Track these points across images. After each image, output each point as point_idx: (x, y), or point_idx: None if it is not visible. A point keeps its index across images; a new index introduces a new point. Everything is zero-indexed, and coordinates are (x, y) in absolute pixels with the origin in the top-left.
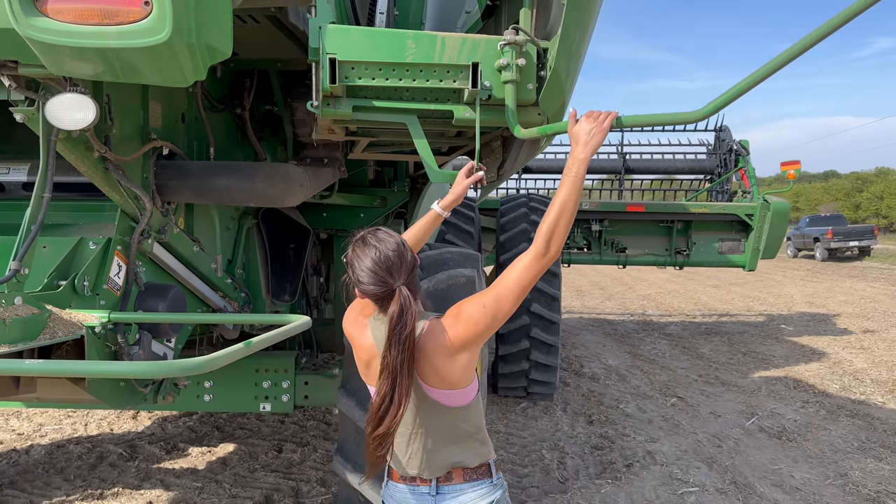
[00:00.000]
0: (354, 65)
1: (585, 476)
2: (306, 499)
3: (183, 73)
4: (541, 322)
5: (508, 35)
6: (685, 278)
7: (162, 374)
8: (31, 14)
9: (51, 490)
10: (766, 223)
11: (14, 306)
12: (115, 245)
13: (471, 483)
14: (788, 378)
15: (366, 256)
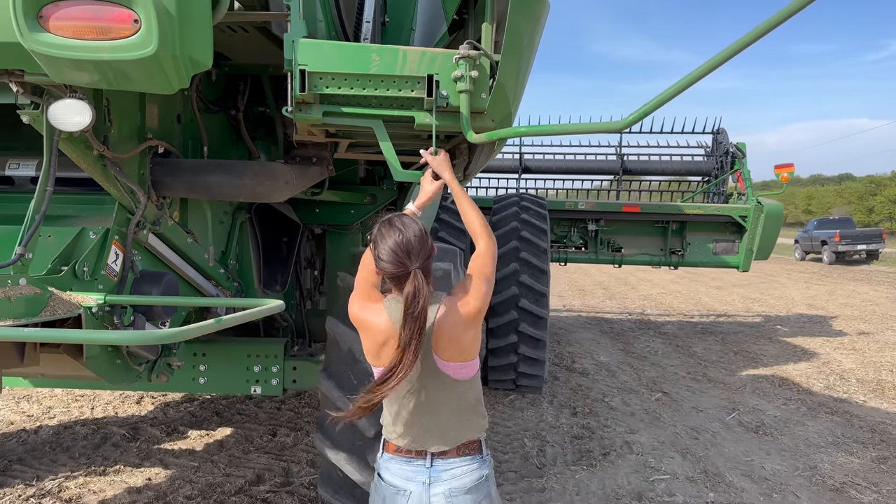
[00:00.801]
0: (323, 75)
1: (562, 463)
2: (295, 478)
3: (169, 81)
4: (529, 317)
5: (463, 49)
6: (689, 279)
7: (138, 341)
8: (35, 30)
9: (56, 466)
10: (759, 225)
11: (19, 286)
12: (112, 235)
13: (463, 458)
14: (775, 376)
15: (390, 237)
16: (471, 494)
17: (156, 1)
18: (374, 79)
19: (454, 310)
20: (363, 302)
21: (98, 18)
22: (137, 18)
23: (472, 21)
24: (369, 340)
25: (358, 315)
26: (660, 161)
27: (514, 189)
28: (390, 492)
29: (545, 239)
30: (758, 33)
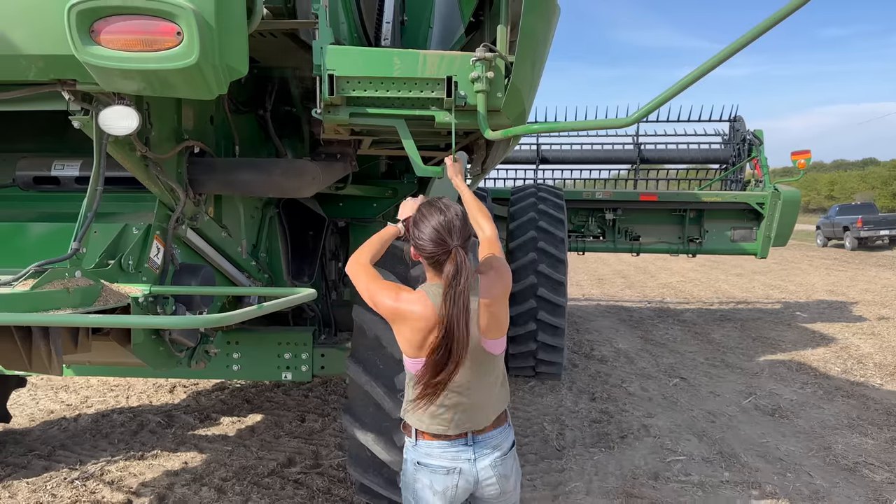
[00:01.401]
0: (350, 79)
1: (581, 445)
2: (325, 460)
3: (209, 88)
4: (547, 305)
5: (479, 52)
6: (709, 267)
7: (189, 325)
8: (88, 44)
9: (97, 452)
10: (776, 212)
11: (75, 278)
12: (154, 230)
13: (498, 429)
14: (793, 361)
15: (432, 217)
16: (508, 459)
17: (197, 14)
18: (397, 81)
19: (490, 287)
20: (398, 295)
21: (144, 31)
22: (180, 31)
23: (487, 23)
24: (411, 330)
25: (395, 307)
26: (677, 150)
27: (531, 180)
28: (439, 474)
29: (562, 229)
30: (769, 24)
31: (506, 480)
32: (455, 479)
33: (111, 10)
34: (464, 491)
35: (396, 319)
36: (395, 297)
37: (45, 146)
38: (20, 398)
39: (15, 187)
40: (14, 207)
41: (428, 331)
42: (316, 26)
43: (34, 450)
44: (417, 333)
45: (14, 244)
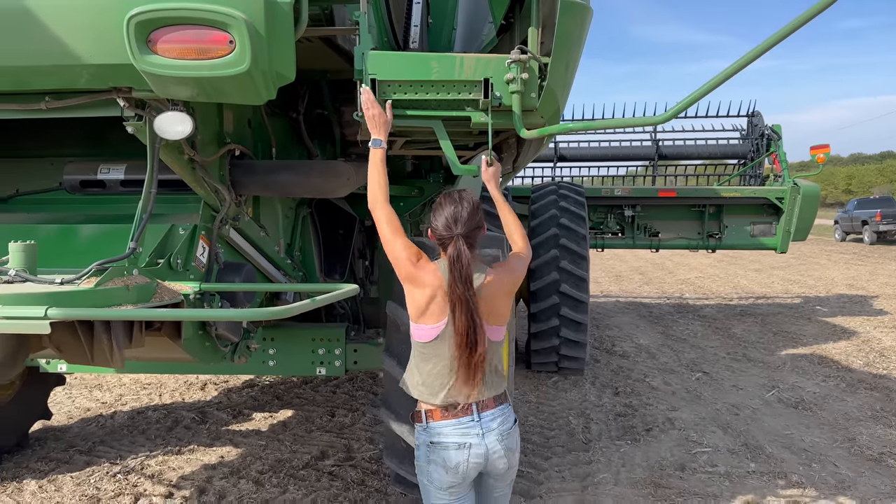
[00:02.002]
0: (391, 83)
1: (607, 438)
2: (357, 453)
3: (258, 93)
4: (570, 301)
5: (514, 54)
6: (727, 262)
7: (257, 317)
8: (146, 53)
9: (136, 447)
10: (796, 206)
11: (133, 276)
12: (200, 230)
13: (500, 406)
14: (814, 355)
15: (447, 206)
16: (512, 433)
17: (248, 24)
18: (436, 84)
19: (496, 280)
20: (417, 260)
21: (198, 40)
22: (232, 39)
23: (518, 24)
24: (420, 295)
25: (413, 272)
26: (695, 145)
27: (549, 177)
28: (450, 450)
29: (584, 225)
30: (801, 21)
31: (512, 454)
32: (466, 453)
33: (167, 20)
34: (475, 466)
35: (410, 282)
36: (414, 263)
37: (89, 151)
38: (57, 396)
39: (62, 190)
40: (62, 210)
41: (431, 298)
42: (356, 32)
43: (75, 445)
44: (423, 299)
45: (65, 245)
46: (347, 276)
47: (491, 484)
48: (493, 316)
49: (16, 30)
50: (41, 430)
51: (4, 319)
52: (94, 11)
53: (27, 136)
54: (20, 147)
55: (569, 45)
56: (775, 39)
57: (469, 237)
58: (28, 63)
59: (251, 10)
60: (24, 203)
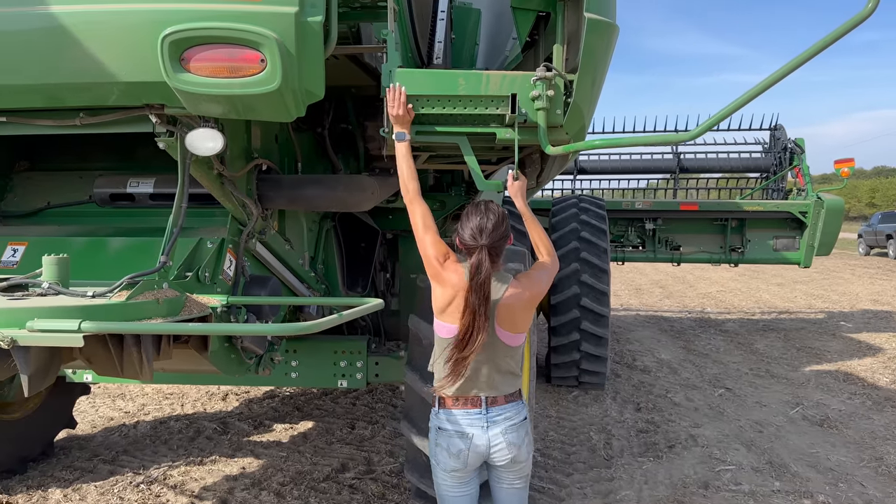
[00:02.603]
0: (419, 97)
1: (629, 454)
2: (377, 466)
3: (288, 111)
4: (590, 315)
5: (539, 72)
6: (749, 276)
7: (285, 332)
8: (179, 71)
9: (158, 457)
10: (819, 220)
11: (163, 290)
12: (227, 244)
13: (511, 403)
14: (839, 371)
15: (475, 216)
16: (518, 431)
17: (279, 43)
18: (464, 99)
19: (517, 291)
20: (445, 259)
21: (230, 59)
22: (264, 58)
23: (542, 41)
24: (443, 293)
25: (439, 271)
26: (717, 158)
27: (569, 190)
28: (455, 437)
29: (605, 239)
30: (834, 37)
31: (516, 448)
32: (467, 442)
33: (200, 39)
34: (476, 455)
35: (435, 280)
36: (441, 263)
37: (119, 165)
38: (81, 406)
39: (92, 203)
40: (92, 223)
41: (453, 298)
42: (383, 50)
43: (99, 455)
44: (446, 297)
45: (96, 258)
46: (369, 289)
47: (499, 474)
48: (511, 325)
49: (52, 48)
50: (66, 439)
51: (39, 332)
52: (128, 30)
53: (58, 149)
54: (51, 160)
55: (595, 63)
56: (806, 56)
57: (493, 248)
58: (63, 80)
59: (282, 30)
60: (55, 216)
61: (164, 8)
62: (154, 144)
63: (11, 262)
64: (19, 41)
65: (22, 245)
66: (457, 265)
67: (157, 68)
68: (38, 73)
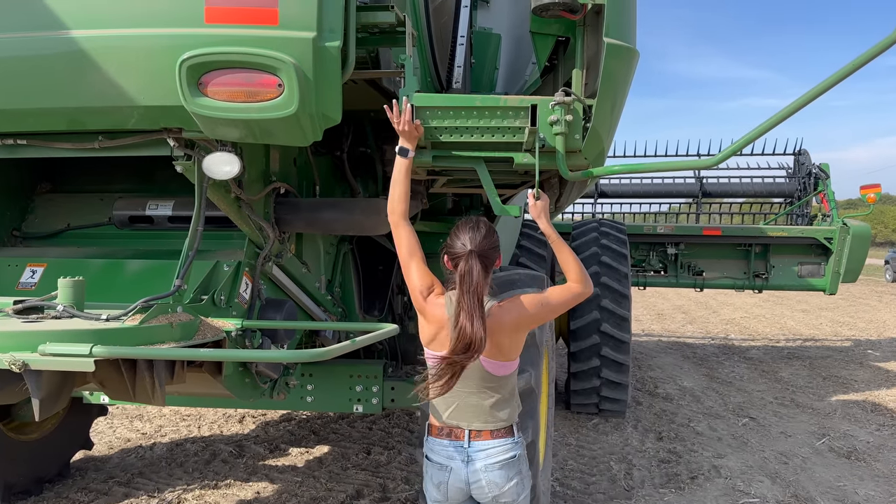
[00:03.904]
0: (436, 125)
1: (650, 485)
2: (392, 494)
3: (305, 135)
4: (611, 341)
5: (558, 96)
6: (773, 303)
7: (298, 359)
8: (197, 95)
9: (173, 480)
10: (845, 247)
11: (177, 314)
12: (243, 267)
13: (496, 440)
14: (867, 402)
15: (464, 228)
16: (503, 470)
17: (297, 67)
18: (479, 111)
19: (501, 314)
20: (429, 292)
21: (248, 84)
22: (281, 83)
23: (562, 66)
24: (427, 327)
25: (423, 304)
26: (740, 183)
27: (590, 213)
28: (435, 468)
29: (626, 264)
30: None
31: (497, 488)
32: (447, 475)
33: (218, 64)
34: (456, 489)
35: (421, 313)
36: (426, 296)
37: (138, 187)
38: (98, 426)
39: (111, 225)
40: (111, 245)
41: (437, 332)
42: (401, 75)
43: (114, 476)
44: (431, 331)
45: (113, 279)
46: (386, 312)
47: None
48: (497, 351)
49: (72, 72)
50: (82, 460)
51: (51, 356)
52: (147, 55)
53: (78, 172)
54: (72, 183)
55: (614, 88)
56: (831, 83)
57: (483, 256)
58: (83, 104)
59: (300, 55)
60: (74, 237)
61: (182, 32)
62: (173, 167)
63: (30, 284)
64: (40, 65)
65: (41, 266)
66: (440, 299)
67: (175, 92)
68: (59, 96)
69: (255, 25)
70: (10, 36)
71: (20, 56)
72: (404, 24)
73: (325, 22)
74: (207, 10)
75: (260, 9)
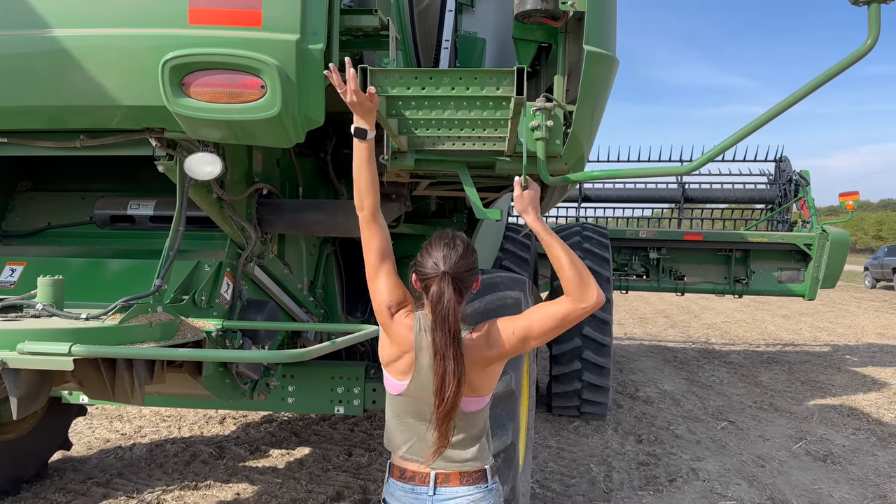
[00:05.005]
0: (410, 117)
1: (629, 488)
2: (373, 496)
3: (288, 137)
4: (592, 345)
5: (539, 102)
6: (755, 307)
7: (277, 359)
8: (179, 96)
9: (153, 481)
10: (825, 253)
11: (156, 314)
12: (225, 267)
13: (466, 487)
14: (844, 406)
15: (437, 244)
16: None
17: (279, 69)
18: (457, 83)
19: (472, 350)
20: (398, 309)
21: (231, 85)
22: (264, 84)
23: (544, 72)
24: (389, 347)
25: (388, 321)
26: (721, 189)
27: (573, 218)
28: None
29: (608, 268)
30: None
31: None
32: None
33: (201, 64)
34: None
35: (384, 330)
36: (393, 313)
37: (119, 187)
38: (77, 426)
39: (92, 224)
40: (92, 244)
41: (399, 356)
42: None
43: (93, 477)
44: (392, 353)
45: (94, 279)
46: (369, 314)
47: None
48: (466, 387)
49: (54, 71)
50: (60, 461)
51: (29, 355)
52: (129, 55)
53: (60, 171)
54: (54, 181)
55: (594, 94)
56: (807, 90)
57: (458, 279)
58: (65, 103)
59: (283, 57)
60: (55, 236)
61: (165, 33)
62: (155, 167)
63: (9, 282)
64: (22, 64)
65: (21, 265)
66: (408, 320)
67: (157, 93)
68: (41, 95)
69: (238, 27)
70: None
71: (3, 54)
72: (388, 28)
73: (309, 24)
74: (191, 12)
75: (244, 11)
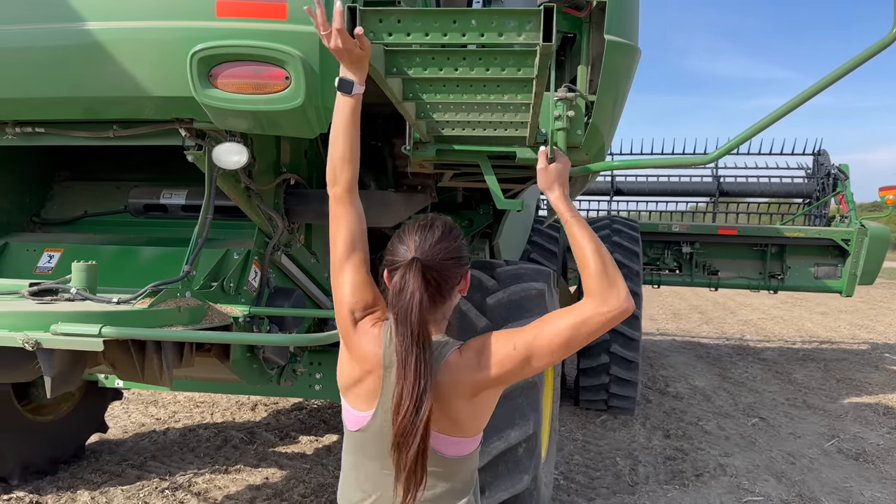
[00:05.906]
0: (430, 104)
1: (655, 481)
2: None
3: (311, 127)
4: (620, 338)
5: (561, 92)
6: (792, 304)
7: (300, 343)
8: (207, 87)
9: (185, 464)
10: (863, 248)
11: (185, 299)
12: (253, 255)
13: None
14: (879, 405)
15: (413, 228)
16: None
17: (303, 61)
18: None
19: (457, 369)
20: (362, 316)
21: (256, 76)
22: (288, 76)
23: (568, 62)
24: (349, 365)
25: (349, 331)
26: (758, 183)
27: (605, 211)
28: None
29: (637, 262)
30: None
31: None
32: None
33: (228, 56)
34: None
35: (344, 341)
36: (359, 318)
37: (153, 176)
38: (113, 410)
39: (126, 213)
40: (126, 232)
41: (363, 377)
42: None
43: (127, 459)
44: (354, 373)
45: (127, 266)
46: None
47: None
48: (448, 422)
49: (89, 63)
50: (97, 443)
51: (62, 336)
52: (160, 47)
53: (96, 161)
54: (90, 171)
55: (615, 84)
56: (828, 81)
57: (431, 268)
58: (99, 94)
59: (307, 48)
60: (91, 224)
61: (193, 25)
62: (186, 158)
63: (47, 268)
64: (58, 56)
65: (58, 252)
66: (375, 329)
67: (186, 84)
68: (75, 86)
69: (264, 19)
70: (30, 27)
71: (40, 47)
72: None
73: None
74: (219, 4)
75: (270, 3)
